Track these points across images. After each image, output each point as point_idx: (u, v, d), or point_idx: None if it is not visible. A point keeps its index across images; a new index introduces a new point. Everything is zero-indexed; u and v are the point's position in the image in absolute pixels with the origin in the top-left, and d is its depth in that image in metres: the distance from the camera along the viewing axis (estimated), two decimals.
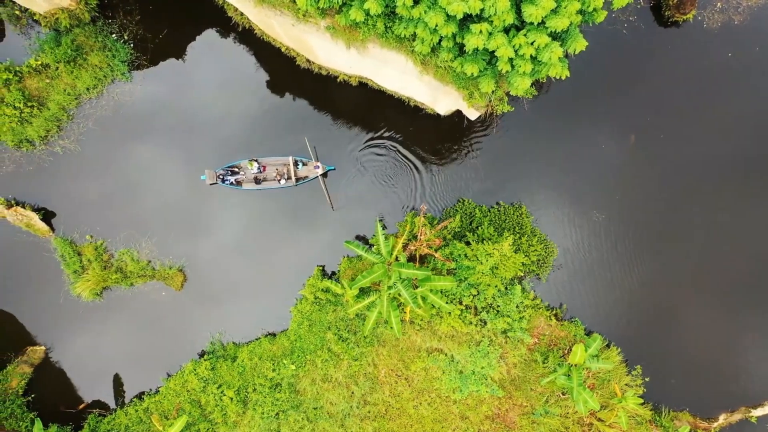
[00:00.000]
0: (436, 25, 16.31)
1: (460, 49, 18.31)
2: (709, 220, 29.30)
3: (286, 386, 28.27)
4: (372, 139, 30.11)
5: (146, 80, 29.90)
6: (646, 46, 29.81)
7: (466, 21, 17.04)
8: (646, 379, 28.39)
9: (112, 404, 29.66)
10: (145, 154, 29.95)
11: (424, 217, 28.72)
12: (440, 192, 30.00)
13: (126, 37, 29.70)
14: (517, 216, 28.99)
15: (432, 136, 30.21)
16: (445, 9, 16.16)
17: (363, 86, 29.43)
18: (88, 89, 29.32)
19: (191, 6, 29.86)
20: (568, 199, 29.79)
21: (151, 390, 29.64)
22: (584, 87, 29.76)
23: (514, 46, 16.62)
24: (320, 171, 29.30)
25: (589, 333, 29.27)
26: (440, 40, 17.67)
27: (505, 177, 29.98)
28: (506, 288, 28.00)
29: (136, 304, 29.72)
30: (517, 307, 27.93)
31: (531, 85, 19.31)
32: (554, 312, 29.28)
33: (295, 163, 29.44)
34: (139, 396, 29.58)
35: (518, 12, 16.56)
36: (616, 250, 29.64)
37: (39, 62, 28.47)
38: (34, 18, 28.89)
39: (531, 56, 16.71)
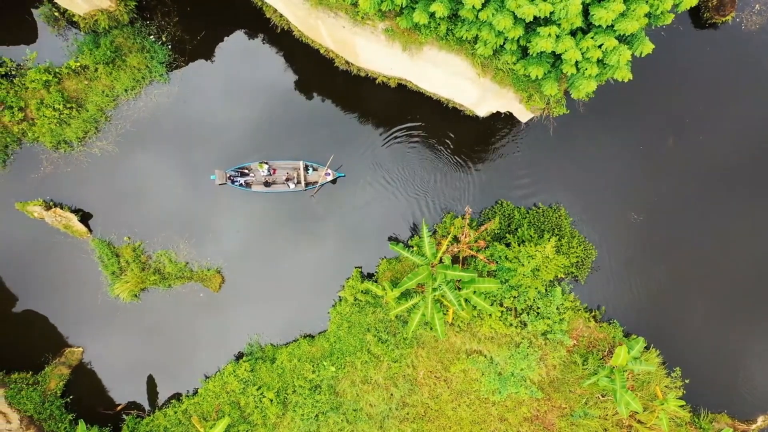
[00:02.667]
0: (504, 28, 16.31)
1: (523, 52, 18.31)
2: (750, 222, 29.27)
3: (325, 388, 28.27)
4: (404, 133, 30.05)
5: (184, 81, 29.87)
6: (684, 47, 29.77)
7: (532, 23, 17.05)
8: (686, 381, 28.34)
9: (150, 406, 29.69)
10: (181, 155, 29.90)
11: (464, 218, 28.74)
12: (478, 193, 29.97)
13: (164, 39, 29.69)
14: (556, 218, 28.98)
15: (470, 138, 30.18)
16: (513, 12, 16.15)
17: (401, 88, 29.40)
18: (126, 90, 29.29)
19: (229, 8, 29.79)
20: (605, 201, 29.78)
21: (188, 392, 29.66)
22: (622, 88, 29.59)
23: (581, 49, 16.63)
24: (330, 177, 29.28)
25: (627, 335, 29.25)
26: (504, 43, 17.67)
27: (543, 178, 29.95)
28: (546, 290, 27.99)
29: (174, 305, 29.74)
30: (557, 309, 27.91)
31: None
32: (593, 314, 29.25)
33: (306, 168, 29.36)
34: (177, 397, 29.60)
35: (584, 15, 16.56)
36: (654, 252, 29.64)
37: (78, 64, 28.47)
38: (73, 19, 28.89)
39: (598, 59, 16.72)
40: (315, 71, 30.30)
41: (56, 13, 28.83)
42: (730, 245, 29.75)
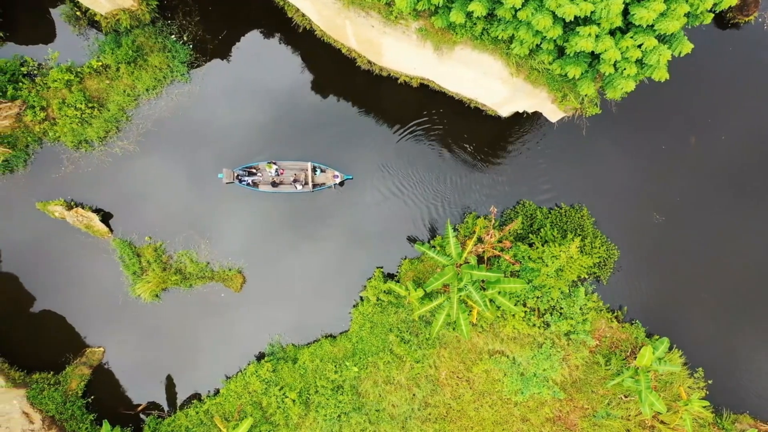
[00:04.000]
0: (543, 28, 16.26)
1: (559, 51, 18.25)
2: None
3: (348, 388, 28.21)
4: (422, 134, 29.99)
5: (205, 81, 29.81)
6: (706, 47, 29.70)
7: (570, 23, 17.00)
8: (709, 382, 28.28)
9: (170, 406, 29.62)
10: (202, 154, 29.77)
11: (486, 218, 28.69)
12: (499, 194, 29.92)
13: (185, 38, 29.62)
14: (579, 218, 28.91)
15: (490, 138, 30.14)
16: (553, 11, 16.10)
17: (423, 88, 29.33)
18: (147, 90, 29.24)
19: (250, 7, 29.75)
20: (627, 201, 29.72)
21: (209, 392, 29.59)
22: (643, 88, 29.53)
23: (620, 49, 16.58)
24: (338, 180, 29.24)
25: (649, 335, 29.19)
26: (540, 42, 17.61)
27: (564, 178, 29.88)
28: (569, 290, 27.93)
29: (195, 305, 29.66)
30: (580, 309, 27.85)
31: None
32: (615, 314, 29.20)
33: (314, 169, 29.29)
34: (198, 398, 29.54)
35: (623, 14, 16.49)
36: (677, 252, 29.56)
37: (100, 63, 28.39)
38: (94, 19, 28.82)
39: (637, 59, 16.67)
40: (335, 71, 30.24)
41: (78, 13, 28.77)
42: (752, 245, 29.67)
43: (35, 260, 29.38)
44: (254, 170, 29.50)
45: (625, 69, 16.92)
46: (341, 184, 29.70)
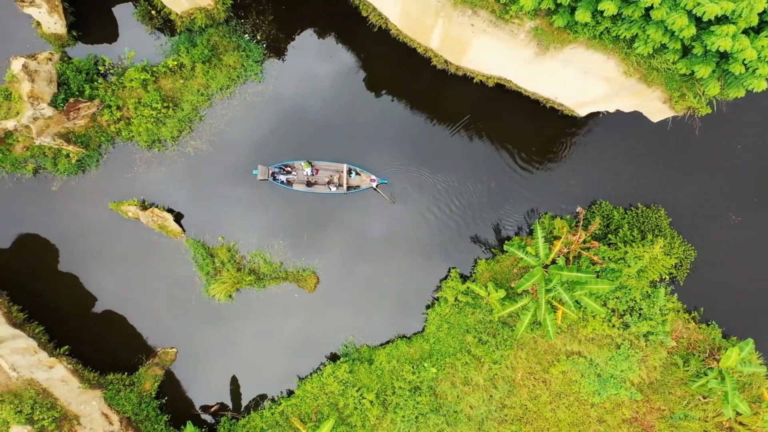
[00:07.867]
0: (679, 27, 16.10)
1: (683, 51, 18.09)
2: None
3: (426, 389, 28.06)
4: (486, 130, 29.88)
5: (278, 80, 29.64)
6: None
7: (702, 22, 16.84)
8: None
9: (242, 407, 29.50)
10: (268, 155, 29.60)
11: (563, 219, 28.54)
12: (574, 193, 29.75)
13: (258, 37, 29.44)
14: (656, 218, 28.74)
15: (561, 138, 29.98)
16: (690, 11, 15.94)
17: (497, 87, 29.12)
18: (221, 89, 29.08)
19: (323, 6, 29.54)
20: (702, 201, 29.56)
21: (282, 393, 29.47)
22: None
23: (755, 48, 16.43)
24: (375, 183, 29.14)
25: (725, 336, 29.04)
26: (667, 42, 17.43)
27: (638, 178, 29.73)
28: (649, 291, 27.75)
29: (268, 306, 29.52)
30: (660, 310, 27.68)
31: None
32: (692, 315, 29.04)
33: (349, 172, 29.13)
34: (269, 398, 29.43)
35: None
36: (752, 254, 29.39)
37: (176, 62, 28.21)
38: (169, 18, 28.65)
39: None
40: (405, 70, 30.03)
41: (153, 12, 28.59)
42: None
43: (107, 260, 29.26)
44: (289, 168, 29.31)
45: (757, 68, 16.77)
46: (377, 187, 29.38)
